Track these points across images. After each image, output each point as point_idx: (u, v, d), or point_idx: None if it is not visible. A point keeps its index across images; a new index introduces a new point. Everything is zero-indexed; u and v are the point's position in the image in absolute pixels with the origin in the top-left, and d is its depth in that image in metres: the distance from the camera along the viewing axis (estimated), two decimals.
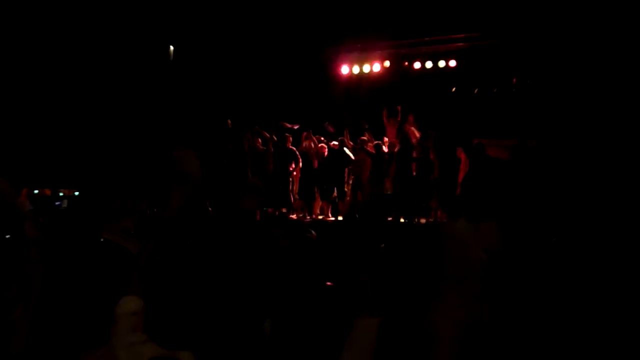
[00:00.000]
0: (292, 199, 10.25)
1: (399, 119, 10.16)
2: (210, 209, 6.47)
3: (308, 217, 9.92)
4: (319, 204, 10.18)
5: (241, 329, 2.39)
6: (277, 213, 10.06)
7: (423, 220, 9.12)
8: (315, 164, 10.17)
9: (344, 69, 11.99)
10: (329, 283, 3.64)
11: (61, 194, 9.47)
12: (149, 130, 10.56)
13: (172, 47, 11.47)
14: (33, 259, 2.21)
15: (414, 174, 9.27)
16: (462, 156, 9.11)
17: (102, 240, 2.60)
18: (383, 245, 4.35)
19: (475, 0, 9.94)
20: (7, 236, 2.66)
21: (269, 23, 10.82)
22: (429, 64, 11.12)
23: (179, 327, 2.07)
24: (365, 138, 9.84)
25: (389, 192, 9.49)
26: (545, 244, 4.99)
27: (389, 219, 9.07)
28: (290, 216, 10.08)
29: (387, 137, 10.12)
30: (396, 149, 9.51)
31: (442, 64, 11.04)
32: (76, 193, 9.40)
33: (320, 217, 9.93)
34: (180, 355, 1.88)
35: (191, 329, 2.09)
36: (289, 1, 10.45)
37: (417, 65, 11.25)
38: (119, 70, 10.90)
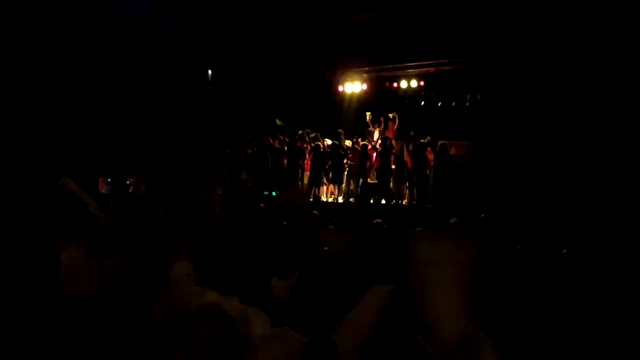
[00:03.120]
0: (302, 185, 11.36)
1: (382, 126, 11.55)
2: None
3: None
4: (323, 189, 11.47)
5: (255, 283, 2.44)
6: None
7: (399, 202, 10.31)
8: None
9: (340, 88, 13.70)
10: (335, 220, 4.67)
11: (127, 182, 10.49)
12: (193, 132, 12.40)
13: (210, 71, 13.27)
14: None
15: (393, 167, 10.45)
16: (429, 153, 10.32)
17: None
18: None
19: (438, 37, 11.32)
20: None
21: (286, 55, 12.62)
22: (404, 84, 12.75)
23: (225, 279, 2.18)
24: (358, 139, 11.10)
25: (374, 181, 10.60)
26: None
27: (372, 200, 9.76)
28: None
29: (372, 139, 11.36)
30: (379, 148, 10.67)
31: (414, 84, 12.66)
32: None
33: (322, 199, 10.98)
34: (231, 300, 2.04)
35: (235, 280, 2.18)
36: (304, 41, 12.23)
37: (394, 84, 12.90)
38: (179, 88, 12.91)
